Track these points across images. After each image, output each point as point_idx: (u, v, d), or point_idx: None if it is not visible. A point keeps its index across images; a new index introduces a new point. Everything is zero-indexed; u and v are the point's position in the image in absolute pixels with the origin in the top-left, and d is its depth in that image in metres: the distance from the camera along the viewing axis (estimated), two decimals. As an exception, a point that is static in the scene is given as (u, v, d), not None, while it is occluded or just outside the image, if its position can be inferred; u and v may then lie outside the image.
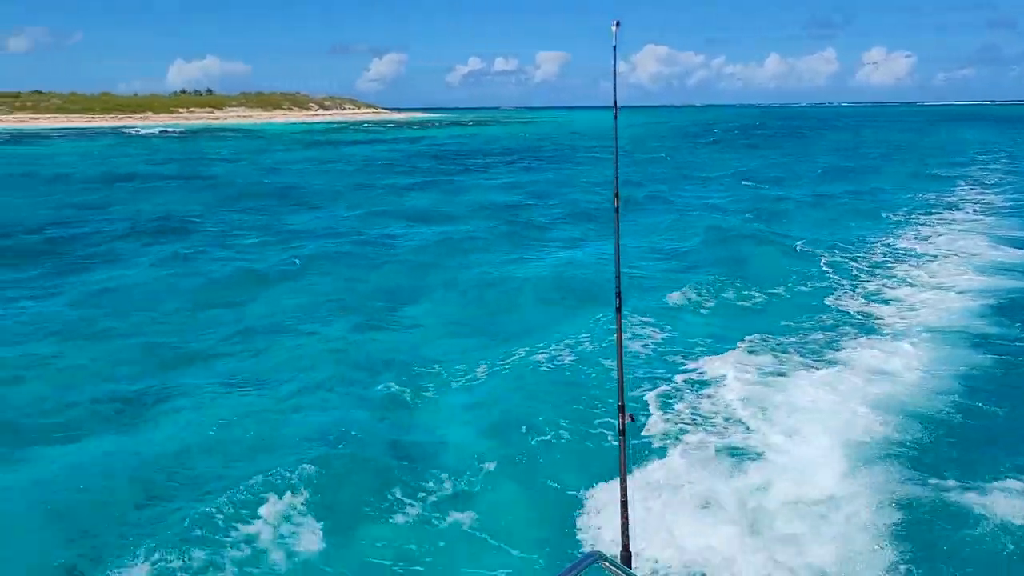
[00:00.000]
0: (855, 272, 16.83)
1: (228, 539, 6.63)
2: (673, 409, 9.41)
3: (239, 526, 6.80)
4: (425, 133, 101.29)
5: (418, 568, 6.57)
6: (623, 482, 3.72)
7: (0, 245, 20.39)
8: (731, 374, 10.41)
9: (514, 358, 11.39)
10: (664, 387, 10.06)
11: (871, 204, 27.26)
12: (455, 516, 7.22)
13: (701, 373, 10.63)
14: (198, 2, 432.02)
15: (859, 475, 7.56)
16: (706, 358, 11.18)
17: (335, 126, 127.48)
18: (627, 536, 3.54)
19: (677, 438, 8.58)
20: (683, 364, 11.05)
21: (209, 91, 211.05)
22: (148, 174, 42.69)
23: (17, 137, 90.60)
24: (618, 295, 4.05)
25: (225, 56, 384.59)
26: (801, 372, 10.58)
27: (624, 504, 3.67)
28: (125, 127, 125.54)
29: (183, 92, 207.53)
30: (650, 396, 9.78)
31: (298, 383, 10.59)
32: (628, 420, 3.79)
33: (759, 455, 8.13)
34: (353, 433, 8.83)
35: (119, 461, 8.28)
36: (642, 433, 8.60)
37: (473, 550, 6.76)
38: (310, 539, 6.78)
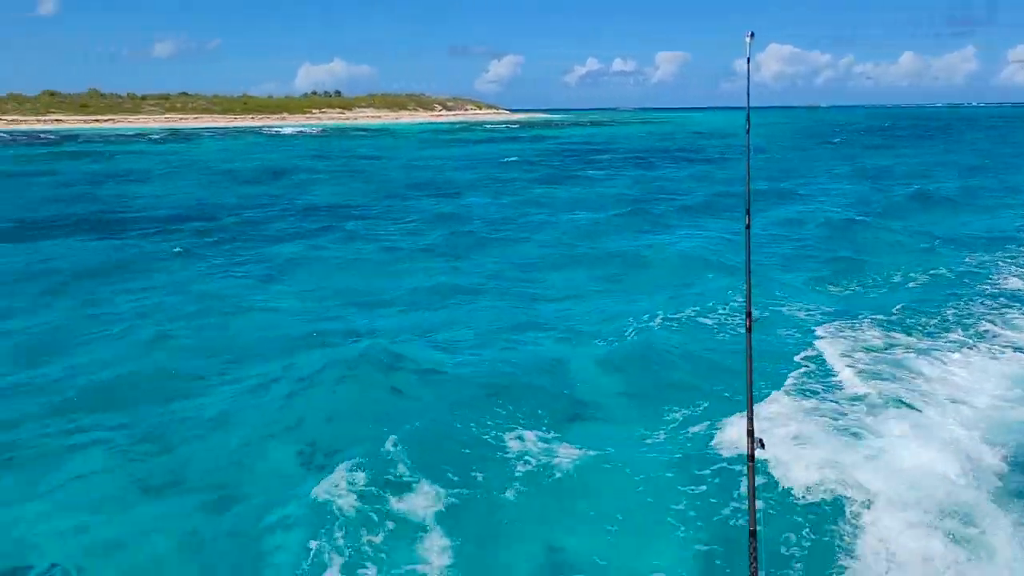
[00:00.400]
0: (996, 266, 16.61)
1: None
2: (802, 397, 9.32)
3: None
4: (548, 132, 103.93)
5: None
6: (752, 511, 3.48)
7: (208, 225, 24.02)
8: (849, 366, 10.26)
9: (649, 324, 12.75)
10: (792, 379, 10.02)
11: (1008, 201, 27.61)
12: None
13: (823, 365, 10.51)
14: (324, 8, 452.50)
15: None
16: (828, 345, 11.17)
17: (460, 125, 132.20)
18: (756, 568, 3.37)
19: (804, 443, 8.22)
20: (806, 354, 10.96)
21: (337, 92, 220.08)
22: (304, 168, 46.94)
23: (174, 135, 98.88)
24: (748, 315, 3.81)
25: (350, 59, 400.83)
26: (935, 362, 10.44)
27: (753, 534, 3.44)
28: (265, 127, 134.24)
29: (314, 93, 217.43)
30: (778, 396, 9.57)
31: (478, 328, 12.97)
32: (758, 446, 3.58)
33: (885, 457, 7.84)
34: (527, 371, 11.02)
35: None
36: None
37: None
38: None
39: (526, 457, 8.11)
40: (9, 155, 60.87)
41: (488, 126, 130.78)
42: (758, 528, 3.41)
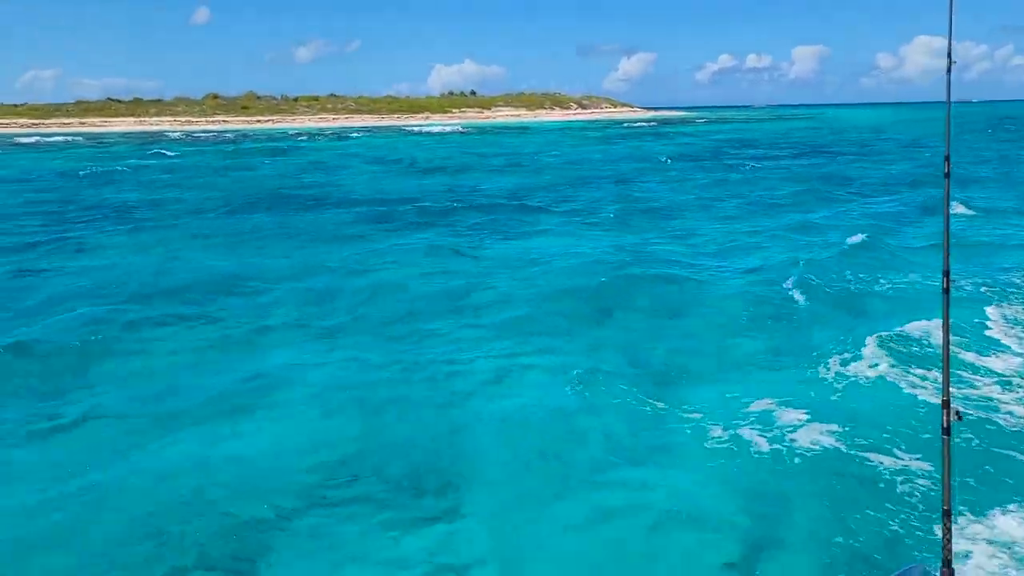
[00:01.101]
0: None
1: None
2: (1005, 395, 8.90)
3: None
4: (688, 128, 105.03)
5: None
6: (946, 488, 3.39)
7: (420, 204, 28.03)
8: None
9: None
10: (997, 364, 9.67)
11: None
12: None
13: None
14: (454, 10, 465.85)
15: None
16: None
17: (601, 123, 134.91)
18: (949, 550, 3.27)
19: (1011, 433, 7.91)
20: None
21: (472, 92, 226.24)
22: (471, 163, 51.08)
23: (334, 134, 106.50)
24: (946, 274, 3.64)
25: (480, 59, 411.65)
26: None
27: (947, 514, 3.34)
28: (409, 125, 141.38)
29: (451, 93, 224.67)
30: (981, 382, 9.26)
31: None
32: (954, 418, 3.42)
33: None
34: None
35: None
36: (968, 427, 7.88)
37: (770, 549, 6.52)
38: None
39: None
40: (209, 150, 68.59)
41: (626, 124, 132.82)
42: (952, 508, 3.27)
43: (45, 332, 12.05)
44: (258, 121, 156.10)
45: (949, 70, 3.92)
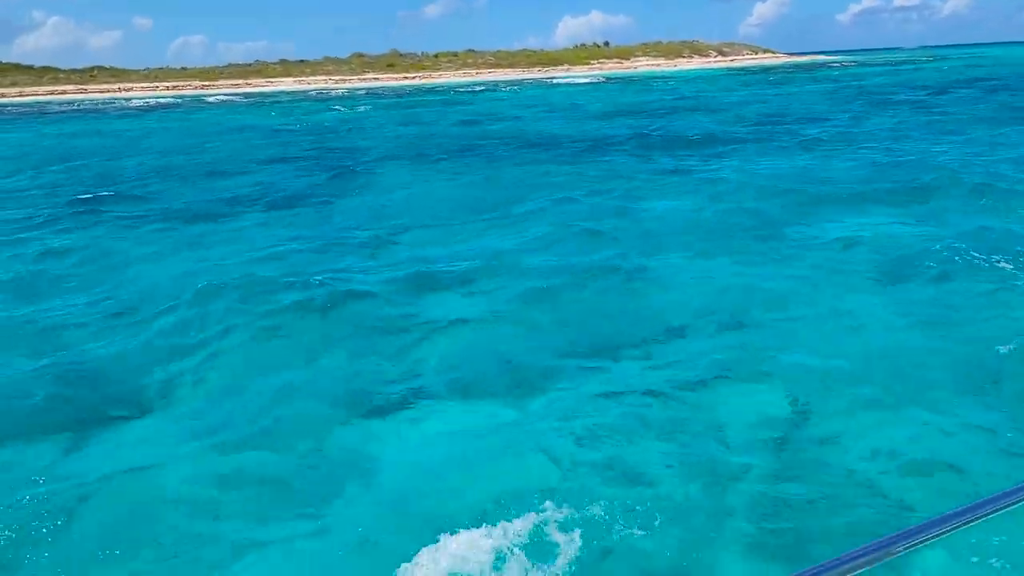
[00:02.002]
0: None
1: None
2: None
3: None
4: (858, 72, 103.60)
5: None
6: None
7: (622, 144, 32.23)
8: None
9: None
10: None
11: None
12: None
13: None
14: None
15: None
16: None
17: (751, 69, 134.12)
18: None
19: None
20: None
21: (606, 43, 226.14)
22: (656, 107, 54.72)
23: (487, 86, 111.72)
24: None
25: (607, 10, 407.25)
26: None
27: None
28: (556, 77, 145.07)
29: (583, 45, 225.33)
30: None
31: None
32: None
33: None
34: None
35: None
36: None
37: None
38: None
39: None
40: (388, 103, 75.10)
41: (773, 69, 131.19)
42: None
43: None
44: (405, 77, 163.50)
45: None
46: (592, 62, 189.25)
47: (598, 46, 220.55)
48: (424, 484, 6.84)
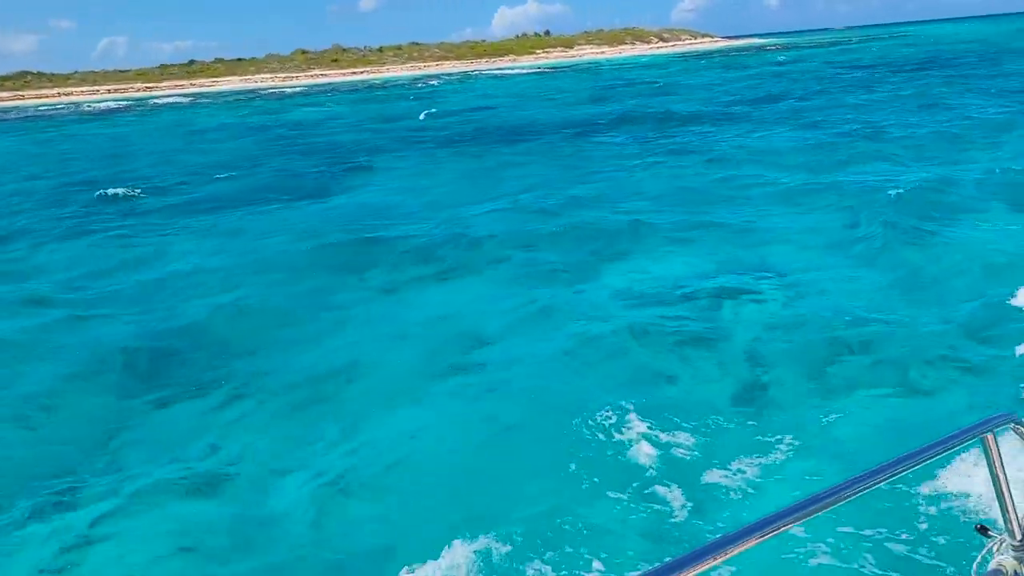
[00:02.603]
0: None
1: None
2: None
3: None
4: (782, 55, 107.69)
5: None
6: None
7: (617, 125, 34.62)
8: None
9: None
10: None
11: None
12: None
13: None
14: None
15: None
16: None
17: (695, 53, 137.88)
18: None
19: None
20: None
21: (547, 32, 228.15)
22: (619, 92, 57.21)
23: (447, 78, 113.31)
24: None
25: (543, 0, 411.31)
26: None
27: None
28: (499, 68, 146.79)
29: (524, 35, 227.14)
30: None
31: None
32: None
33: None
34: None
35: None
36: None
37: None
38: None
39: None
40: (356, 99, 76.24)
41: (717, 52, 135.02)
42: None
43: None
44: (353, 72, 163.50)
45: None
46: (537, 51, 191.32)
47: (539, 35, 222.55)
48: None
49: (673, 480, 6.70)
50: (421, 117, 47.08)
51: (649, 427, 7.42)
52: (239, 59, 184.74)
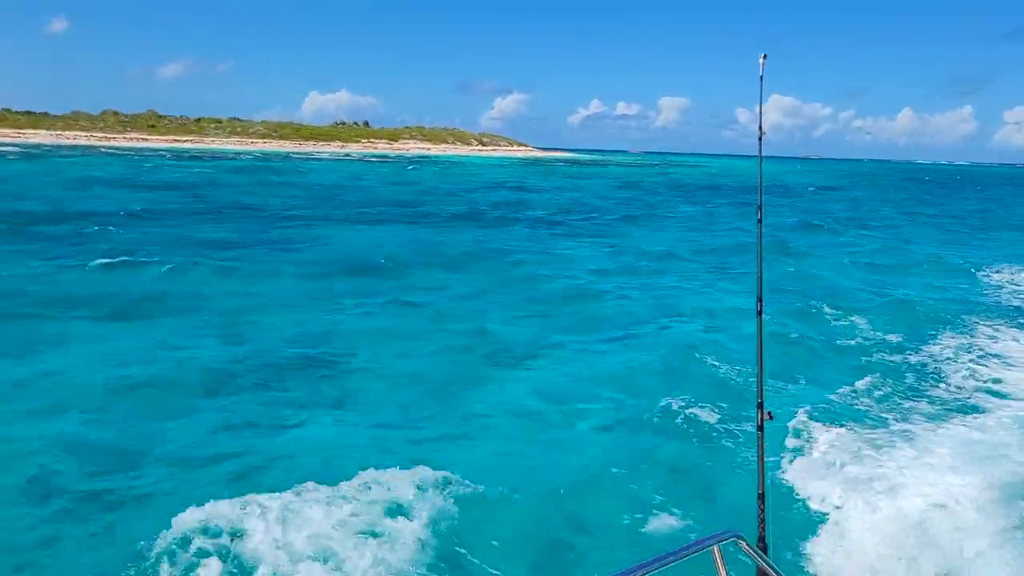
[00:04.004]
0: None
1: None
2: (817, 413, 10.53)
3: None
4: (598, 170, 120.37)
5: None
6: (761, 475, 3.96)
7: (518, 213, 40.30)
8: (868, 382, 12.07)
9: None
10: (805, 391, 11.88)
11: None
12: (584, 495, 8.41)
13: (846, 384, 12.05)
14: (330, 38, 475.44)
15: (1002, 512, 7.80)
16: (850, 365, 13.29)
17: (520, 160, 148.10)
18: (764, 527, 3.78)
19: (815, 440, 9.64)
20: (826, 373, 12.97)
21: (366, 123, 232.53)
22: (526, 185, 63.12)
23: (290, 156, 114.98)
24: (759, 299, 4.50)
25: (355, 90, 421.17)
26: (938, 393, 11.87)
27: (761, 496, 3.90)
28: (356, 152, 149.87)
29: (343, 123, 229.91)
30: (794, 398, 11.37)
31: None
32: (767, 417, 4.07)
33: (896, 466, 8.83)
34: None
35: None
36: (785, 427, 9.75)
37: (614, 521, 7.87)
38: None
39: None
40: (224, 166, 76.94)
41: (546, 162, 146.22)
42: (765, 492, 3.87)
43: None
44: (175, 140, 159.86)
45: (760, 139, 4.86)
46: (363, 140, 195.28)
47: (356, 124, 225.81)
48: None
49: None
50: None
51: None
52: (45, 113, 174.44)
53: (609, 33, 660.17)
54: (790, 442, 9.48)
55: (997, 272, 24.43)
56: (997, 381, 12.60)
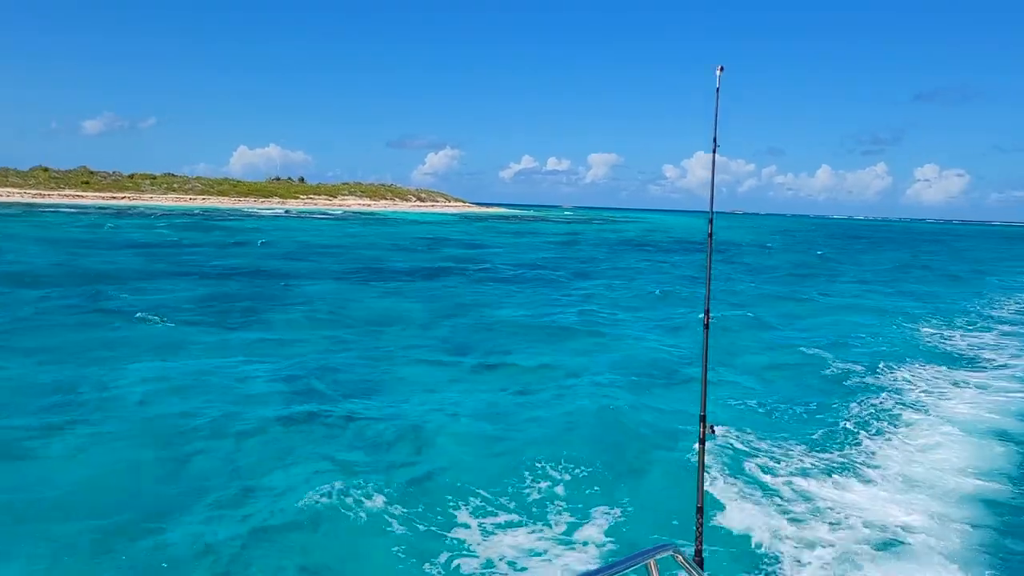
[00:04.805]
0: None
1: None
2: (751, 427, 11.06)
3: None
4: (572, 228, 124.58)
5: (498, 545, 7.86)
6: (700, 489, 4.03)
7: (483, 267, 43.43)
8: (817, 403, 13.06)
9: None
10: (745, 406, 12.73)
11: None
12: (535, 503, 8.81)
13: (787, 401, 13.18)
14: (258, 92, 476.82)
15: (936, 517, 8.41)
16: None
17: (462, 215, 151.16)
18: (701, 541, 3.86)
19: (756, 453, 9.97)
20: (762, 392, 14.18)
21: (301, 179, 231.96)
22: (476, 241, 65.92)
23: (237, 214, 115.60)
24: (707, 312, 4.60)
25: (285, 145, 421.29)
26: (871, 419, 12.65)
27: (700, 510, 3.98)
28: (298, 209, 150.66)
29: (278, 179, 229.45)
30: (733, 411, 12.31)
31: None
32: (709, 431, 4.17)
33: (837, 479, 9.41)
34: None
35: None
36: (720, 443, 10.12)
37: (551, 536, 7.99)
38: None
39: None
40: (176, 223, 77.85)
41: (489, 218, 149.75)
42: (704, 505, 3.94)
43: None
44: (113, 197, 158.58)
45: (714, 151, 5.06)
46: (302, 196, 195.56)
47: (292, 180, 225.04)
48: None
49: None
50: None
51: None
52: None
53: (540, 89, 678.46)
54: (730, 456, 9.67)
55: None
56: (924, 405, 13.71)
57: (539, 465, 9.98)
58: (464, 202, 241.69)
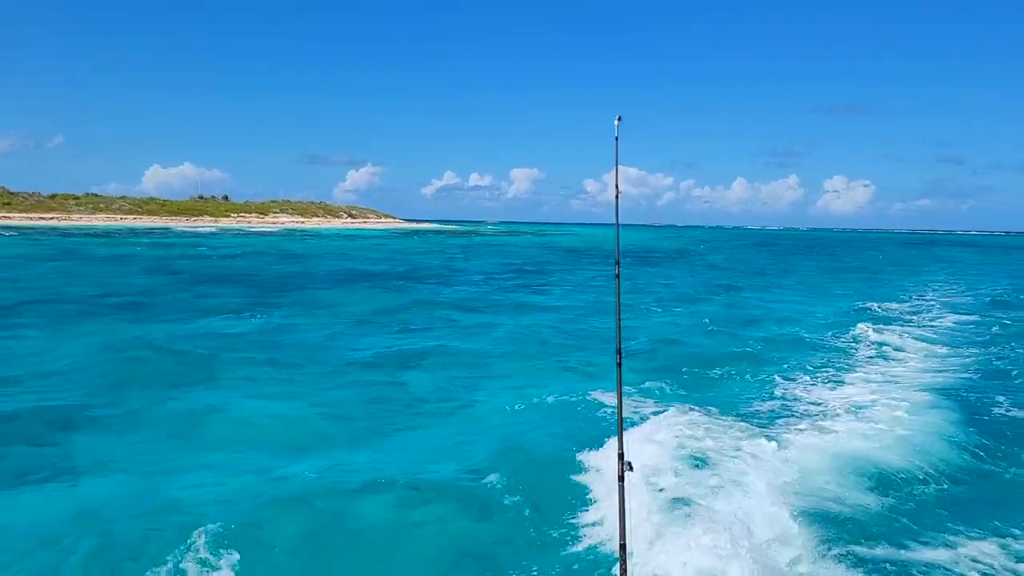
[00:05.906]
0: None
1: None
2: (676, 461, 10.54)
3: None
4: (506, 240, 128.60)
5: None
6: (622, 526, 4.01)
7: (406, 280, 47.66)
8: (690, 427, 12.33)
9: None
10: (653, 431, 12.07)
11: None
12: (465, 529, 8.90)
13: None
14: (169, 111, 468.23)
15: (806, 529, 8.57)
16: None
17: (399, 231, 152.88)
18: None
19: (675, 486, 9.65)
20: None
21: (225, 197, 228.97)
22: (374, 270, 69.55)
23: (162, 232, 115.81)
24: (619, 351, 4.64)
25: (199, 163, 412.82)
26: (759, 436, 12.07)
27: (623, 547, 4.00)
28: (240, 227, 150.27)
29: (202, 197, 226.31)
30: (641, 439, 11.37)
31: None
32: (627, 468, 4.13)
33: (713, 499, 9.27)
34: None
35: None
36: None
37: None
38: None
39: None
40: (117, 243, 78.91)
41: (424, 232, 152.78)
42: (627, 542, 3.92)
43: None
44: (41, 218, 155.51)
45: (617, 197, 5.37)
46: (232, 215, 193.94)
47: (216, 198, 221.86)
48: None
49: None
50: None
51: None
52: None
53: (460, 106, 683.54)
54: (649, 490, 9.44)
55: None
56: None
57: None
58: (394, 218, 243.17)
